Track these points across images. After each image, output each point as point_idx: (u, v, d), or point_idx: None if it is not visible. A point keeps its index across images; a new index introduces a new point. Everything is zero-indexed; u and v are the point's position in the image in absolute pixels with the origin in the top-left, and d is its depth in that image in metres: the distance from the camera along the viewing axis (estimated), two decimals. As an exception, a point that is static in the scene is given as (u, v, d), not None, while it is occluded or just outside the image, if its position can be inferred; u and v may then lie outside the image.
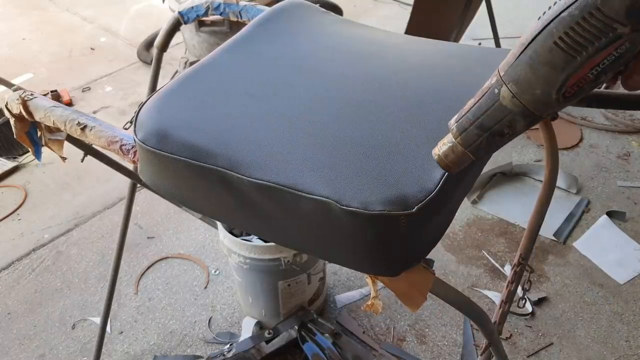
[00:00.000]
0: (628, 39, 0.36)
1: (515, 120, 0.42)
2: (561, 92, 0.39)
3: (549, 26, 0.38)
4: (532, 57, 0.39)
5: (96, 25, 3.31)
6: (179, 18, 0.99)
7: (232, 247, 1.30)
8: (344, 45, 0.76)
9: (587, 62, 0.37)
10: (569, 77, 0.38)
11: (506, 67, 0.41)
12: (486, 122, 0.43)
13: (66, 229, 1.91)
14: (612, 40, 0.36)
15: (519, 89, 0.40)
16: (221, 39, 2.10)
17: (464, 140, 0.45)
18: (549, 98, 0.39)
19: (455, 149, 0.46)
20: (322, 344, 1.36)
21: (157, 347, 1.51)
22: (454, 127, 0.45)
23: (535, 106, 0.40)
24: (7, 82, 1.44)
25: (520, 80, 0.40)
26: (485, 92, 0.43)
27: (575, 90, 0.39)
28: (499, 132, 0.43)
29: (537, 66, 0.39)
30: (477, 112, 0.43)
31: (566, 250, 1.73)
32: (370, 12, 3.34)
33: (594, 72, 0.38)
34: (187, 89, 0.69)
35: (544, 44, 0.38)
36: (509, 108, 0.41)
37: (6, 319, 1.61)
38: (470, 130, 0.44)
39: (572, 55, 0.37)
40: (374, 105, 0.64)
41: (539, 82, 0.39)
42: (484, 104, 0.43)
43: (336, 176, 0.55)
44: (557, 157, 0.86)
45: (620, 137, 2.20)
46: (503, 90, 0.41)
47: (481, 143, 0.44)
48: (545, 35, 0.38)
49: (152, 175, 0.67)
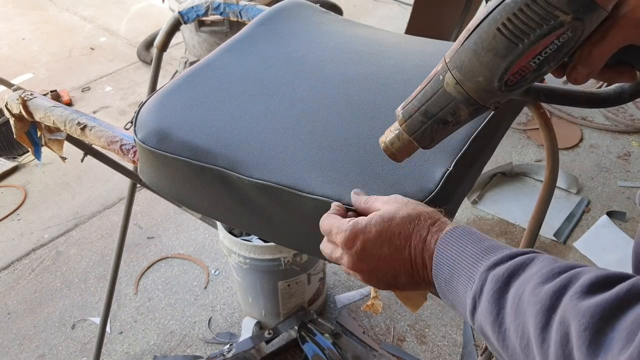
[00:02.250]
0: (569, 27, 0.36)
1: (459, 108, 0.42)
2: (503, 80, 0.39)
3: (493, 12, 0.38)
4: (477, 43, 0.39)
5: (96, 25, 3.31)
6: (179, 18, 0.98)
7: (232, 247, 1.30)
8: (344, 45, 0.76)
9: (529, 49, 0.37)
10: (511, 64, 0.38)
11: (452, 53, 0.41)
12: (430, 109, 0.43)
13: (66, 229, 1.91)
14: (554, 27, 0.36)
15: (462, 76, 0.40)
16: (221, 39, 2.10)
17: (408, 127, 0.44)
18: (491, 86, 0.39)
19: (401, 137, 0.45)
20: (322, 344, 1.36)
21: (157, 347, 1.51)
22: (400, 113, 0.45)
23: (478, 94, 0.40)
24: (7, 82, 1.44)
25: (464, 66, 0.40)
26: (431, 79, 0.42)
27: (518, 79, 0.39)
28: (443, 120, 0.43)
29: (480, 52, 0.39)
30: (423, 98, 0.43)
31: (566, 250, 1.73)
32: (370, 12, 3.34)
33: (536, 60, 0.38)
34: (187, 89, 0.69)
35: (487, 30, 0.38)
36: (453, 95, 0.41)
37: (6, 319, 1.61)
38: (415, 117, 0.44)
39: (514, 42, 0.37)
40: (374, 105, 0.64)
41: (482, 69, 0.39)
42: (429, 91, 0.42)
43: (336, 176, 0.55)
44: (557, 157, 0.86)
45: (621, 137, 2.20)
46: (447, 77, 0.41)
47: (425, 130, 0.44)
48: (489, 22, 0.38)
49: (152, 175, 0.67)
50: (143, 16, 3.40)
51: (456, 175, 0.56)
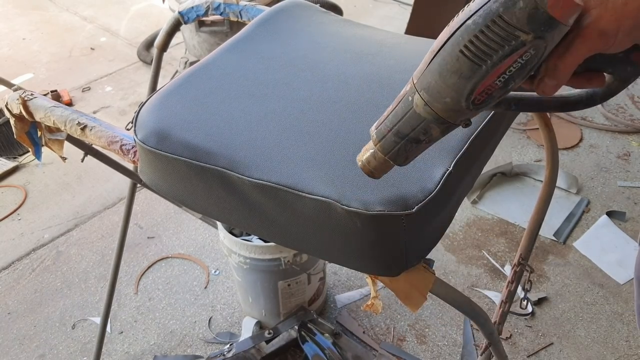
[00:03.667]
0: (531, 46, 0.36)
1: (430, 128, 0.42)
2: (470, 100, 0.39)
3: (455, 34, 0.38)
4: (441, 65, 0.39)
5: (96, 25, 3.31)
6: (179, 18, 0.99)
7: (232, 247, 1.30)
8: (344, 45, 0.76)
9: (493, 70, 0.37)
10: (476, 85, 0.38)
11: (419, 74, 0.41)
12: (402, 129, 0.43)
13: (66, 229, 1.91)
14: (516, 47, 0.36)
15: (430, 97, 0.40)
16: (221, 39, 2.10)
17: (383, 147, 0.44)
18: (459, 106, 0.39)
19: (376, 156, 0.45)
20: (322, 344, 1.36)
21: (157, 347, 1.51)
22: (374, 133, 0.45)
23: (447, 114, 0.40)
24: (7, 82, 1.45)
25: (431, 88, 0.40)
26: (401, 99, 0.42)
27: (485, 98, 0.39)
28: (416, 139, 0.43)
29: (445, 74, 0.39)
30: (394, 119, 0.43)
31: (566, 250, 1.73)
32: (370, 12, 3.34)
33: (502, 79, 0.38)
34: (187, 89, 0.69)
35: (451, 52, 0.38)
36: (423, 116, 0.41)
37: (6, 319, 1.61)
38: (388, 137, 0.44)
39: (477, 64, 0.37)
40: (374, 106, 0.64)
41: (448, 90, 0.39)
42: (399, 111, 0.42)
43: (336, 176, 0.55)
44: (557, 157, 0.86)
45: (620, 137, 2.20)
46: (416, 98, 0.41)
47: (399, 150, 0.44)
48: (452, 44, 0.38)
49: (152, 175, 0.67)
50: (143, 16, 3.40)
51: (456, 175, 0.56)
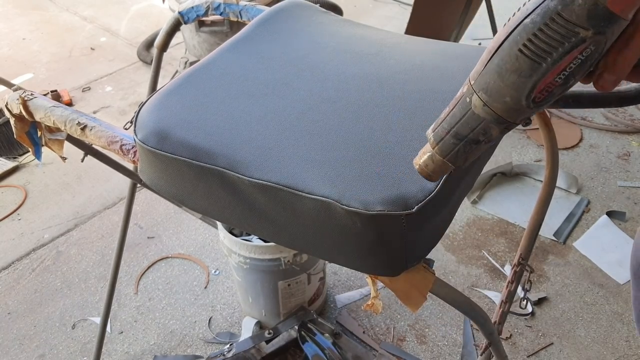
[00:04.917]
0: (592, 42, 0.36)
1: (490, 128, 0.42)
2: (531, 99, 0.39)
3: (513, 33, 0.38)
4: (499, 65, 0.39)
5: (96, 25, 3.31)
6: (179, 18, 0.99)
7: (232, 247, 1.30)
8: (344, 45, 0.76)
9: (553, 67, 0.37)
10: (536, 83, 0.38)
11: (476, 75, 0.41)
12: (461, 130, 0.43)
13: (66, 229, 1.91)
14: (576, 44, 0.36)
15: (489, 97, 0.40)
16: (221, 39, 2.10)
17: (441, 149, 0.44)
18: (519, 105, 0.39)
19: (434, 158, 0.45)
20: (322, 344, 1.36)
21: (157, 347, 1.51)
22: (431, 136, 0.45)
23: (507, 113, 0.40)
24: (7, 82, 1.44)
25: (490, 88, 0.40)
26: (458, 101, 0.43)
27: (545, 96, 0.39)
28: (475, 140, 0.43)
29: (504, 74, 0.39)
30: (452, 121, 0.43)
31: (566, 250, 1.73)
32: (370, 12, 3.34)
33: (562, 76, 0.38)
34: (187, 89, 0.69)
35: (509, 52, 0.38)
36: (482, 116, 0.41)
37: (6, 319, 1.61)
38: (446, 139, 0.44)
39: (537, 62, 0.37)
40: (374, 105, 0.64)
41: (508, 89, 0.39)
42: (457, 113, 0.43)
43: (336, 176, 0.55)
44: (557, 157, 0.86)
45: (620, 137, 2.20)
46: (474, 99, 0.41)
47: (459, 151, 0.44)
48: (510, 43, 0.38)
49: (152, 175, 0.67)
50: (143, 16, 3.40)
51: (456, 175, 0.56)
